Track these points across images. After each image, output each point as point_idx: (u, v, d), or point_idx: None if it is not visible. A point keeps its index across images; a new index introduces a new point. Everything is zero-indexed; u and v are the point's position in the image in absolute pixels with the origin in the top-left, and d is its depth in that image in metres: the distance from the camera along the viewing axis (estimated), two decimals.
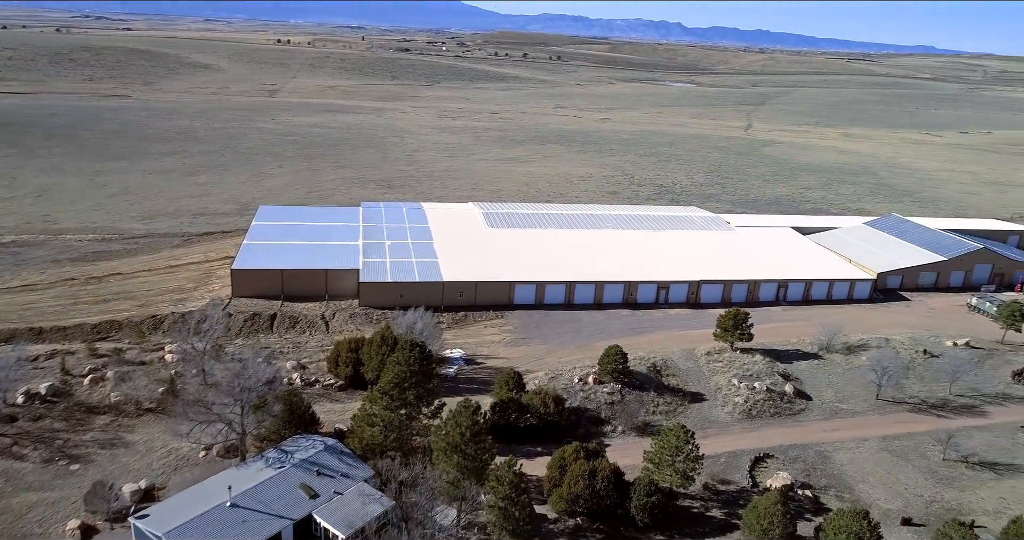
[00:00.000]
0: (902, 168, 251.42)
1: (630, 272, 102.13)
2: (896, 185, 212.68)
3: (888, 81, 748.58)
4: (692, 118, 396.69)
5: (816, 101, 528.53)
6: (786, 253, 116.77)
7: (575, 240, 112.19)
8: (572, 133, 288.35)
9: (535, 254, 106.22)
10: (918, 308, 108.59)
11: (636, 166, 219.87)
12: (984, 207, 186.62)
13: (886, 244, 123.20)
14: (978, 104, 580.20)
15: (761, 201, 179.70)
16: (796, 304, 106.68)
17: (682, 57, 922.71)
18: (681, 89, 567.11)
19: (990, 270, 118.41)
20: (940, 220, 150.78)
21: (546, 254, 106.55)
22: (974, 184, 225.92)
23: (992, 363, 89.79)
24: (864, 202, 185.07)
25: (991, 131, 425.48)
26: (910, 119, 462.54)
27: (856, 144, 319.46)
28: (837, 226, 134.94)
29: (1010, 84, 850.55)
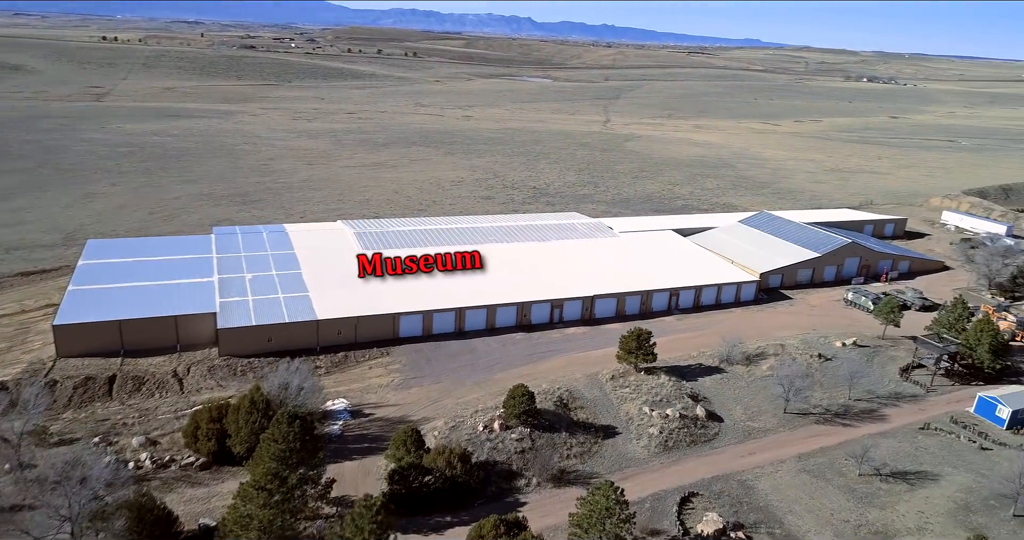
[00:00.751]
0: (754, 158, 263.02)
1: (522, 292, 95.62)
2: (753, 177, 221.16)
3: (727, 73, 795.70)
4: (552, 114, 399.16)
5: (666, 94, 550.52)
6: (673, 258, 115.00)
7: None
8: (437, 133, 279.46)
9: (419, 279, 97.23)
10: (800, 307, 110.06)
11: (507, 167, 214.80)
12: (834, 195, 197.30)
13: (763, 242, 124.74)
14: (805, 94, 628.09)
15: (634, 200, 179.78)
16: (687, 311, 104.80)
17: (536, 52, 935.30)
18: (539, 84, 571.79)
19: (858, 262, 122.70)
20: (803, 213, 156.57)
21: (431, 278, 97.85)
22: (819, 172, 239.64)
23: (879, 360, 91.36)
24: (729, 196, 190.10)
25: (820, 119, 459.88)
26: (751, 109, 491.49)
27: (708, 135, 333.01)
28: (713, 225, 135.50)
29: (828, 74, 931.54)
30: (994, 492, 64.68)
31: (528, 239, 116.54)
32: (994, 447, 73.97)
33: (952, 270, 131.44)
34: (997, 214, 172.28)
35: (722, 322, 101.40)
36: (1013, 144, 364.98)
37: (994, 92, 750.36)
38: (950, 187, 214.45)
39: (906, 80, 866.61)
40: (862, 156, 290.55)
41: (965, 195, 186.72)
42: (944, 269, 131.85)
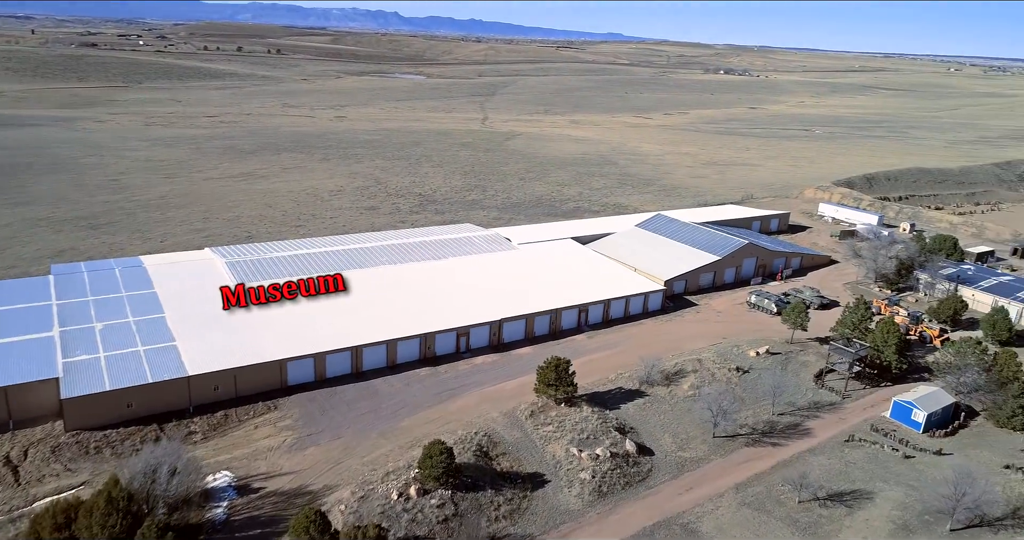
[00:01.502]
0: (634, 154, 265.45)
1: (425, 321, 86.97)
2: (638, 174, 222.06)
3: (596, 67, 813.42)
4: (429, 112, 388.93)
5: (540, 89, 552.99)
6: (577, 271, 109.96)
7: (349, 287, 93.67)
8: (309, 136, 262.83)
9: (306, 313, 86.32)
10: (707, 313, 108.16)
11: (388, 172, 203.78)
12: (716, 191, 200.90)
13: (663, 247, 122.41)
14: (670, 86, 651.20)
15: (525, 204, 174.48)
16: (597, 327, 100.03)
17: (407, 48, 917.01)
18: (413, 81, 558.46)
19: (755, 263, 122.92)
20: (694, 211, 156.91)
21: (320, 311, 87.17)
22: (697, 166, 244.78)
23: (792, 368, 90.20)
24: (617, 195, 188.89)
25: (687, 111, 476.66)
26: (622, 103, 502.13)
27: (585, 130, 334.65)
28: (610, 230, 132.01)
29: (688, 67, 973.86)
30: (928, 507, 63.46)
31: (424, 258, 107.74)
32: (916, 454, 73.58)
33: (839, 264, 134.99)
34: (866, 203, 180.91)
35: (634, 336, 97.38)
36: (858, 131, 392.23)
37: (833, 82, 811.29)
38: (817, 177, 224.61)
39: (758, 72, 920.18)
40: (731, 147, 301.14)
41: (835, 186, 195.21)
42: (831, 263, 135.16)
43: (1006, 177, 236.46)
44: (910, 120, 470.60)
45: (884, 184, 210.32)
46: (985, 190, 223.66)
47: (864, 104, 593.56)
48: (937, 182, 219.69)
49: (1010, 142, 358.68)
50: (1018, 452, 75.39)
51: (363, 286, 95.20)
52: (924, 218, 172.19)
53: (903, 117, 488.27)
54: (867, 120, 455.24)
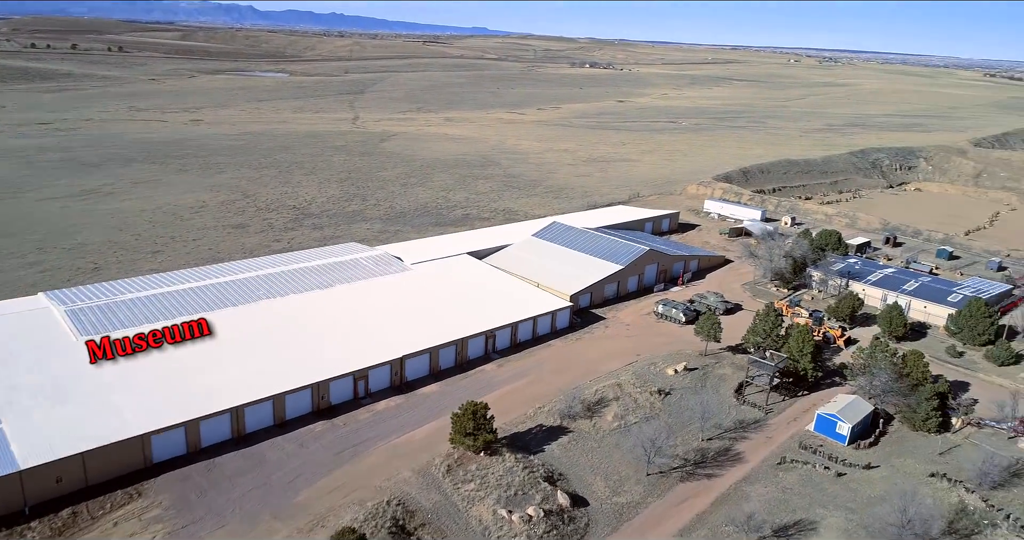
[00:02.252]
0: (514, 153, 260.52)
1: (315, 366, 76.14)
2: (522, 175, 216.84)
3: (465, 63, 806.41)
4: (295, 113, 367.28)
5: (411, 86, 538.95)
6: (478, 291, 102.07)
7: (223, 331, 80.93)
8: (162, 144, 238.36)
9: (170, 370, 73.18)
10: (616, 327, 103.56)
11: (256, 183, 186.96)
12: (602, 190, 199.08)
13: (563, 258, 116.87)
14: (540, 81, 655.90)
15: (410, 213, 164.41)
16: (506, 353, 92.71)
17: (266, 44, 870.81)
18: (275, 80, 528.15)
19: (656, 269, 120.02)
20: (586, 214, 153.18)
21: (188, 366, 74.21)
22: (578, 164, 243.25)
23: (712, 383, 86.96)
24: (505, 199, 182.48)
25: (559, 106, 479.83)
26: (495, 99, 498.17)
27: (461, 128, 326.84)
28: (506, 242, 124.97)
29: (554, 61, 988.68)
30: (871, 532, 60.97)
31: (307, 288, 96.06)
32: (847, 471, 71.65)
33: (733, 263, 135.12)
34: (746, 198, 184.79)
35: (546, 360, 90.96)
36: (721, 122, 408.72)
37: (691, 74, 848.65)
38: (694, 171, 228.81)
39: (621, 65, 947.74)
40: (607, 142, 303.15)
41: (716, 181, 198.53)
42: (726, 262, 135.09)
43: (861, 165, 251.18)
44: (765, 110, 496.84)
45: (759, 177, 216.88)
46: (845, 178, 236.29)
47: (721, 95, 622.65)
48: (804, 172, 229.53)
49: (854, 129, 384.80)
50: (937, 457, 75.36)
51: (238, 328, 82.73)
52: (801, 210, 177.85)
53: (758, 107, 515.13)
54: (728, 111, 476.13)
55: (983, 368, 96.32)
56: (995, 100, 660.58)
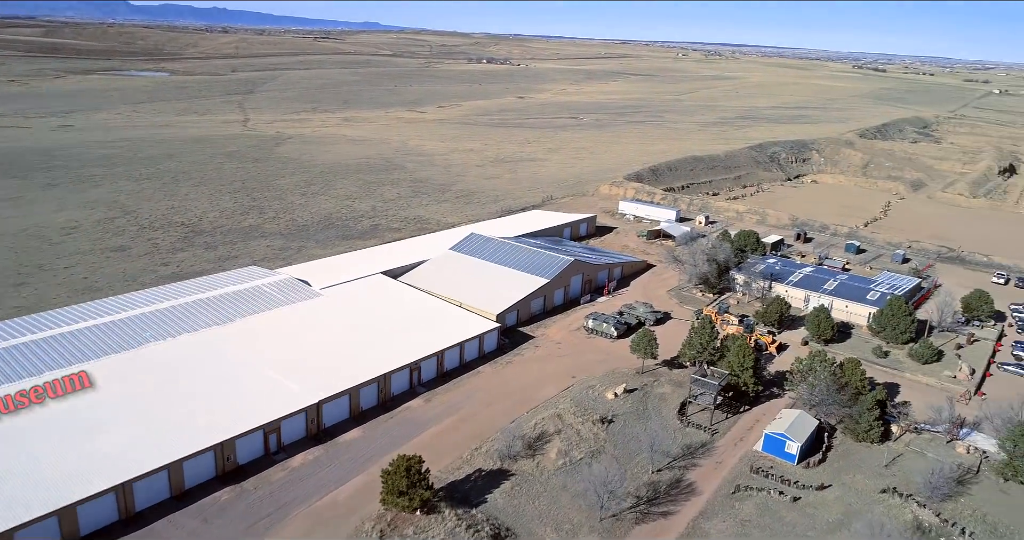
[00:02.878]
0: (418, 154, 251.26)
1: (217, 422, 66.24)
2: (429, 179, 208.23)
3: (359, 59, 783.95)
4: (179, 115, 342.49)
5: (304, 85, 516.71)
6: (397, 316, 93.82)
7: (107, 385, 69.30)
8: (26, 154, 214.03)
9: (36, 442, 61.38)
10: (546, 346, 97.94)
11: (137, 197, 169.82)
12: (514, 192, 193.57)
13: (485, 273, 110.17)
14: (438, 78, 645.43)
15: (313, 226, 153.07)
16: (432, 384, 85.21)
17: (142, 41, 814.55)
18: (154, 79, 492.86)
19: (581, 279, 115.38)
20: (503, 222, 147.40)
21: (63, 435, 62.54)
22: (486, 165, 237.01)
23: (653, 405, 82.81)
24: (415, 207, 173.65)
25: (460, 103, 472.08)
26: (394, 97, 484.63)
27: (361, 129, 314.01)
28: (423, 257, 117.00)
29: (451, 57, 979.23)
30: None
31: (202, 324, 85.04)
32: (801, 494, 68.80)
33: (655, 268, 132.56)
34: (659, 197, 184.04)
35: (477, 391, 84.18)
36: (622, 117, 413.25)
37: (587, 69, 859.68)
38: (602, 169, 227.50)
39: (518, 60, 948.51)
40: (512, 141, 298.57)
41: (627, 180, 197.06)
42: (649, 267, 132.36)
43: (760, 159, 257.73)
44: (661, 104, 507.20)
45: (667, 175, 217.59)
46: (747, 172, 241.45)
47: (618, 89, 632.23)
48: (709, 168, 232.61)
49: (745, 122, 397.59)
50: (884, 469, 73.95)
51: (125, 380, 71.38)
52: (713, 209, 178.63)
53: (654, 101, 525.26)
54: (626, 106, 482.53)
55: (908, 367, 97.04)
56: (867, 91, 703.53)
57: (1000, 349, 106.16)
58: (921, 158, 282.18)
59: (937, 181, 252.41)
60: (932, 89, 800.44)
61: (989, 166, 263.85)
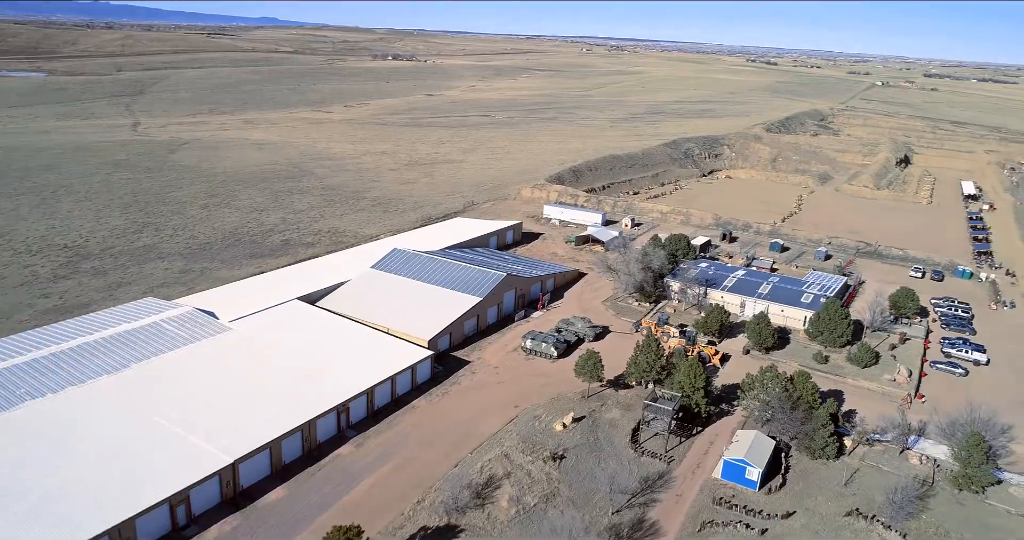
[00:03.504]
0: (328, 158, 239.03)
1: (112, 498, 56.20)
2: (342, 185, 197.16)
3: (257, 57, 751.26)
4: (60, 120, 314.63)
5: (200, 85, 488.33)
6: (318, 349, 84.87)
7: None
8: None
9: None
10: (484, 372, 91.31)
11: (12, 217, 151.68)
12: (433, 198, 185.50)
13: (412, 293, 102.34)
14: (344, 76, 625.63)
15: (217, 243, 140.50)
16: (363, 426, 77.17)
17: (14, 38, 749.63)
18: (30, 81, 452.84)
19: (514, 295, 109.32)
20: (426, 232, 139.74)
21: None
22: (401, 169, 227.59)
23: (603, 434, 77.70)
24: (329, 218, 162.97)
25: (367, 102, 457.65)
26: (298, 97, 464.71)
27: (264, 132, 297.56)
28: (343, 278, 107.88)
29: (355, 53, 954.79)
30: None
31: (92, 373, 73.68)
32: (767, 524, 65.20)
33: (587, 276, 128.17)
34: (583, 200, 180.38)
35: (413, 430, 76.76)
36: (533, 114, 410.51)
37: (495, 65, 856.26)
38: (521, 170, 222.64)
39: (424, 57, 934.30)
40: (425, 142, 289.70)
41: (549, 183, 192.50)
42: (581, 276, 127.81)
43: (676, 156, 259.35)
44: (570, 100, 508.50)
45: (588, 175, 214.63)
46: (664, 169, 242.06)
47: (527, 86, 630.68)
48: (628, 167, 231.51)
49: (655, 117, 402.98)
50: (844, 489, 71.58)
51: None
52: (637, 210, 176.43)
53: (564, 97, 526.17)
54: (537, 102, 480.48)
55: (849, 372, 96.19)
56: (763, 84, 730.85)
57: (929, 346, 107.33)
58: (825, 151, 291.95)
59: (841, 173, 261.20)
60: (821, 81, 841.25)
61: (887, 157, 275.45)
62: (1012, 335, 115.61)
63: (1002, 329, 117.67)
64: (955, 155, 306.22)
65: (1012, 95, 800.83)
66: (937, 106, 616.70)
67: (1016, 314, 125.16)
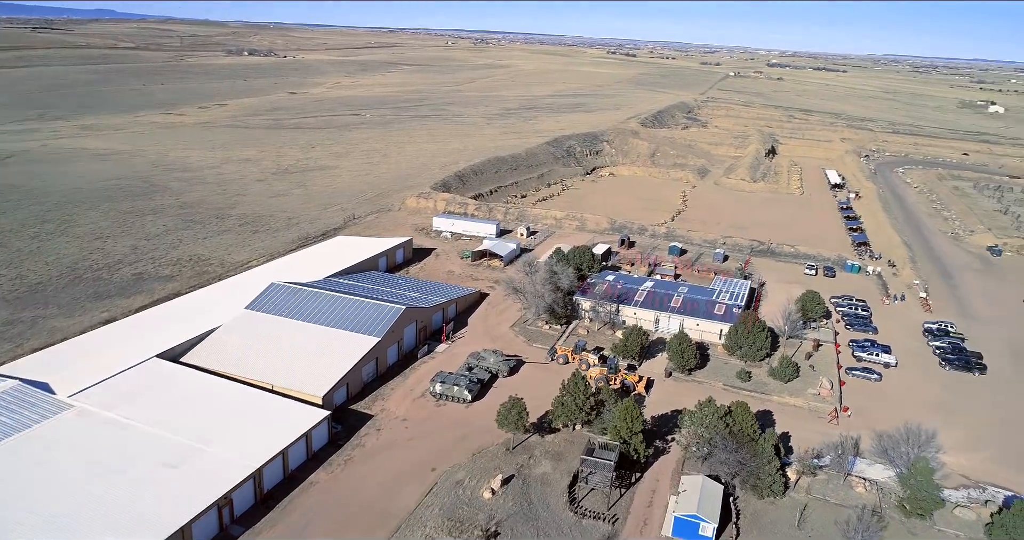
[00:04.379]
0: (183, 169, 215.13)
1: None
2: (202, 202, 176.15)
3: (95, 53, 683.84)
4: None
5: (26, 86, 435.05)
6: (187, 424, 69.83)
7: None
8: None
9: None
10: (391, 428, 79.53)
11: None
12: (309, 213, 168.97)
13: (298, 338, 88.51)
14: (196, 73, 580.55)
15: (51, 282, 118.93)
16: (251, 518, 63.72)
17: None
18: None
19: (415, 328, 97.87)
20: (305, 255, 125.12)
21: None
22: (269, 179, 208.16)
23: (537, 496, 68.45)
24: (190, 243, 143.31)
25: (225, 102, 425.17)
26: (144, 98, 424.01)
27: (107, 140, 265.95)
28: (212, 325, 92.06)
29: (207, 49, 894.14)
30: None
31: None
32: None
33: (490, 296, 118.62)
34: (472, 208, 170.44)
35: (314, 517, 64.22)
36: (406, 112, 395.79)
37: (360, 60, 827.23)
38: (401, 176, 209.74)
39: (284, 52, 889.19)
40: (293, 146, 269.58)
41: (435, 191, 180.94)
42: (483, 297, 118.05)
43: (558, 154, 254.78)
44: (441, 96, 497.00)
45: (474, 180, 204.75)
46: (549, 170, 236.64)
47: (395, 81, 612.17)
48: (513, 169, 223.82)
49: (530, 112, 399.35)
50: (797, 531, 66.46)
51: None
52: (531, 217, 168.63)
53: (435, 93, 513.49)
54: (408, 99, 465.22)
55: (774, 389, 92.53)
56: (628, 77, 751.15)
57: (840, 350, 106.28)
58: (699, 145, 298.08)
59: (717, 166, 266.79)
60: (679, 73, 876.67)
61: (758, 149, 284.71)
62: (908, 330, 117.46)
63: (898, 324, 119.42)
64: (815, 144, 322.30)
65: (843, 83, 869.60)
66: (785, 95, 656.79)
67: (907, 307, 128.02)
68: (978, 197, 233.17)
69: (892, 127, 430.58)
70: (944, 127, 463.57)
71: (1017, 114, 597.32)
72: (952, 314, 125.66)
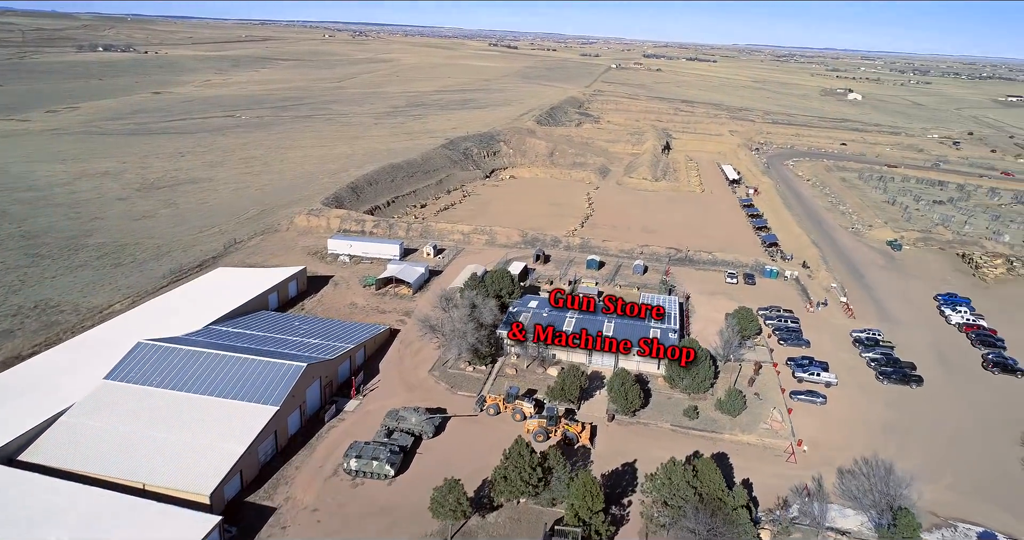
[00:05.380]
0: (27, 188, 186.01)
1: None
2: (49, 229, 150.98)
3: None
4: None
5: None
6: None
7: None
8: None
9: None
10: (301, 523, 65.47)
11: None
12: (182, 239, 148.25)
13: (174, 416, 72.14)
14: (42, 73, 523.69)
15: None
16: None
17: None
18: None
19: (319, 386, 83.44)
20: (180, 295, 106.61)
21: None
22: (132, 196, 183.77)
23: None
24: (34, 285, 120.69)
25: (77, 105, 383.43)
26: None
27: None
28: (58, 405, 74.12)
29: (55, 44, 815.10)
30: None
31: None
32: None
33: (400, 332, 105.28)
34: (370, 225, 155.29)
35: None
36: (284, 112, 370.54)
37: (232, 55, 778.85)
38: (287, 188, 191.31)
39: (145, 47, 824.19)
40: (159, 155, 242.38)
41: (327, 207, 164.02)
42: (393, 335, 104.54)
43: (456, 157, 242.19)
44: (323, 93, 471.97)
45: (369, 191, 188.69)
46: (447, 175, 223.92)
47: (271, 78, 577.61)
48: (410, 176, 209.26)
49: (418, 110, 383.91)
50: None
51: None
52: (436, 233, 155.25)
53: (315, 90, 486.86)
54: (286, 97, 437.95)
55: (725, 426, 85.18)
56: (514, 70, 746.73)
57: (779, 371, 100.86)
58: (597, 142, 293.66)
59: (616, 164, 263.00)
60: (562, 65, 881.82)
61: (654, 145, 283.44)
62: (837, 340, 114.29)
63: (825, 334, 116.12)
64: (707, 138, 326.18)
65: (715, 73, 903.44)
66: (666, 86, 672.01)
67: (830, 313, 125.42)
68: (865, 188, 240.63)
69: (770, 117, 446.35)
70: (813, 115, 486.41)
71: (872, 101, 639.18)
72: (874, 318, 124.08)
